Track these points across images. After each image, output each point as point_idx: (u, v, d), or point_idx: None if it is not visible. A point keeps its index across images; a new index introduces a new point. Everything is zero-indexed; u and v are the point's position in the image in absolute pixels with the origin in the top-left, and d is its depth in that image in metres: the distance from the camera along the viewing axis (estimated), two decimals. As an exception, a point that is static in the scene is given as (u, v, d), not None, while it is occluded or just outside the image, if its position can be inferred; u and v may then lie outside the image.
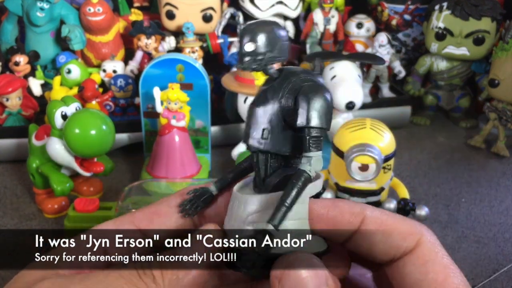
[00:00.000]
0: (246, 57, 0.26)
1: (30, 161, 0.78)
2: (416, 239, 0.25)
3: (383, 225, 0.26)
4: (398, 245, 0.25)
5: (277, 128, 0.26)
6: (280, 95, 0.26)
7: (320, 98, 0.25)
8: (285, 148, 0.27)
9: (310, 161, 0.25)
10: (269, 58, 0.26)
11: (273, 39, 0.26)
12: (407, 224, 0.26)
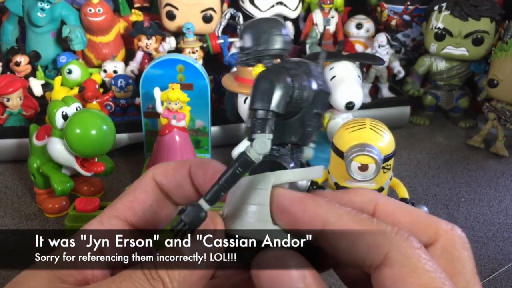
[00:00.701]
0: (239, 54, 0.27)
1: (31, 161, 0.78)
2: (383, 253, 0.21)
3: (348, 232, 0.22)
4: (362, 258, 0.22)
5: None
6: None
7: (265, 79, 0.25)
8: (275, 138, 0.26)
9: (252, 143, 0.25)
10: (255, 52, 0.27)
11: (257, 33, 0.27)
12: (377, 233, 0.22)
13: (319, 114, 0.27)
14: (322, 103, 0.27)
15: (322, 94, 0.27)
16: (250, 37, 0.27)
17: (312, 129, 0.27)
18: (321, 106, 0.27)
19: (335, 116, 0.88)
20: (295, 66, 0.27)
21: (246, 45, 0.27)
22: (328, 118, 0.89)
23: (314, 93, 0.26)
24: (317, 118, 0.27)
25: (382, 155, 0.68)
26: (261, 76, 0.26)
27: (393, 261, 0.21)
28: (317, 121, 0.27)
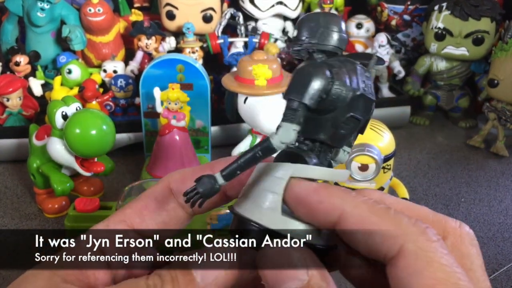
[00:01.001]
0: (292, 43, 0.27)
1: (31, 161, 0.78)
2: (399, 245, 0.21)
3: (363, 223, 0.22)
4: (377, 249, 0.22)
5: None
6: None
7: (304, 71, 0.25)
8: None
9: (277, 130, 0.25)
10: (308, 44, 0.26)
11: (315, 26, 0.26)
12: (394, 224, 0.22)
13: (356, 118, 0.26)
14: (362, 108, 0.26)
15: (363, 99, 0.26)
16: (306, 29, 0.26)
17: (346, 132, 0.26)
18: (361, 111, 0.26)
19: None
20: (340, 64, 0.26)
21: (301, 36, 0.27)
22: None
23: (353, 95, 0.26)
24: (353, 122, 0.26)
25: (382, 155, 0.68)
26: (301, 68, 0.26)
27: (408, 253, 0.21)
28: (353, 125, 0.26)
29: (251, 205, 0.26)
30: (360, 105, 0.26)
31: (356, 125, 0.26)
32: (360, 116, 0.26)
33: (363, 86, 0.26)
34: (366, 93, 0.26)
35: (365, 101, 0.26)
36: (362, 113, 0.26)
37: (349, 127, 0.26)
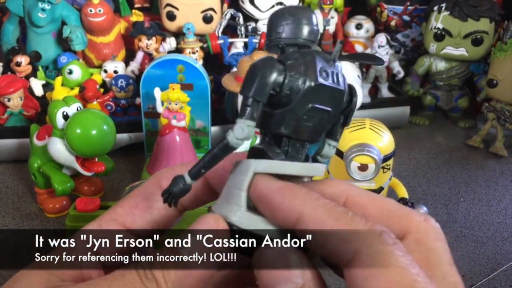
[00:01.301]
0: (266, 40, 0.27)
1: (32, 161, 0.78)
2: (354, 248, 0.21)
3: (321, 226, 0.22)
4: (334, 252, 0.22)
5: (329, 127, 0.27)
6: (343, 94, 0.27)
7: (254, 67, 0.25)
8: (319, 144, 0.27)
9: (233, 127, 0.25)
10: (277, 40, 0.26)
11: (283, 21, 0.26)
12: (349, 227, 0.22)
13: (319, 109, 0.25)
14: (325, 98, 0.25)
15: (324, 89, 0.25)
16: (274, 24, 0.26)
17: (312, 124, 0.26)
18: (324, 101, 0.25)
19: (335, 116, 0.88)
20: (299, 56, 0.26)
21: (271, 32, 0.26)
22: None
23: (310, 86, 0.25)
24: (318, 113, 0.25)
25: (381, 155, 0.69)
26: (252, 64, 0.26)
27: (364, 256, 0.21)
28: (320, 117, 0.26)
29: (222, 201, 0.26)
30: (322, 96, 0.25)
31: (325, 117, 0.26)
32: (324, 107, 0.25)
33: (324, 76, 0.25)
34: (327, 82, 0.25)
35: (328, 91, 0.25)
36: (327, 104, 0.25)
37: (314, 119, 0.25)
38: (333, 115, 0.26)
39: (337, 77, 0.26)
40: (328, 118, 0.26)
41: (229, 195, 0.26)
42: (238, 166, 0.26)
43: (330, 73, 0.26)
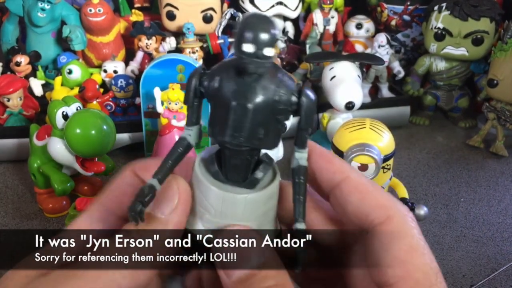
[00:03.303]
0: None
1: (31, 161, 0.78)
2: (387, 213, 0.25)
3: (361, 189, 0.26)
4: (368, 213, 0.25)
5: (271, 126, 0.27)
6: (273, 91, 0.26)
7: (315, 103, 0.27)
8: (272, 145, 0.27)
9: (306, 154, 0.27)
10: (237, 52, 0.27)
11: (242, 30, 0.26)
12: (383, 197, 0.25)
13: (240, 105, 0.26)
14: (236, 95, 0.26)
15: (235, 83, 0.26)
16: (236, 35, 0.26)
17: (237, 121, 0.26)
18: (236, 98, 0.26)
19: (335, 116, 0.88)
20: (228, 61, 0.27)
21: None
22: (328, 118, 0.89)
23: (230, 84, 0.26)
24: (239, 109, 0.26)
25: (382, 155, 0.69)
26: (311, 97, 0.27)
27: (395, 222, 0.24)
28: (240, 113, 0.26)
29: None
30: (236, 93, 0.26)
31: (248, 113, 0.26)
32: (246, 103, 0.26)
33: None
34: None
35: (241, 85, 0.26)
36: (248, 101, 0.26)
37: (235, 116, 0.26)
38: (252, 111, 0.26)
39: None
40: (249, 113, 0.26)
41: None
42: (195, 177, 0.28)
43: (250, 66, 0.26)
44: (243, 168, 0.27)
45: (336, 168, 0.27)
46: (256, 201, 0.27)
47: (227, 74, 0.26)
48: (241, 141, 0.26)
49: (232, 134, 0.27)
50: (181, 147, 0.29)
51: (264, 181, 0.28)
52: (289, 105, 0.26)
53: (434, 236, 0.75)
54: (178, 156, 0.28)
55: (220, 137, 0.27)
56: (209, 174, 0.28)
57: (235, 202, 0.26)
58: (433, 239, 0.74)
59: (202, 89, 0.28)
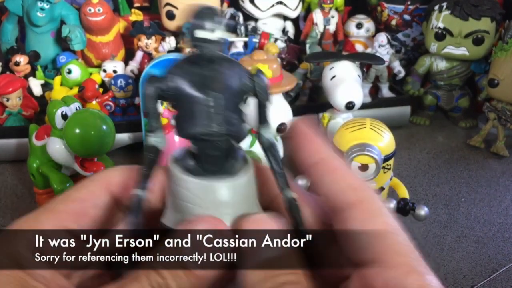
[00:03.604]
0: None
1: (31, 161, 0.78)
2: (358, 196, 0.25)
3: (335, 171, 0.26)
4: (339, 194, 0.26)
5: (236, 112, 0.28)
6: (230, 76, 0.28)
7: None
8: (240, 130, 0.29)
9: (271, 129, 0.29)
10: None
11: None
12: (355, 180, 0.26)
13: (204, 94, 0.27)
14: (203, 84, 0.27)
15: (201, 75, 0.27)
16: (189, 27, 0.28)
17: (205, 111, 0.27)
18: (201, 88, 0.27)
19: (335, 116, 0.88)
20: (187, 57, 0.28)
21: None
22: (328, 118, 0.89)
23: (188, 78, 0.27)
24: (203, 99, 0.27)
25: (382, 155, 0.68)
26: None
27: (367, 204, 0.25)
28: (206, 102, 0.27)
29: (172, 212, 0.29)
30: (207, 82, 0.27)
31: (210, 103, 0.27)
32: (200, 94, 0.27)
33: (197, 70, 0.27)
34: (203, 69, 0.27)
35: (207, 79, 0.27)
36: (203, 90, 0.27)
37: (202, 106, 0.27)
38: (216, 101, 0.27)
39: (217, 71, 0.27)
40: (211, 103, 0.27)
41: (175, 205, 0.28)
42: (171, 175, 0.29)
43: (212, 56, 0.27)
44: (219, 157, 0.28)
45: (315, 148, 0.27)
46: (241, 186, 0.28)
47: (182, 70, 0.27)
48: (212, 129, 0.27)
49: (203, 124, 0.27)
50: (151, 153, 0.29)
51: (240, 166, 0.29)
52: (248, 88, 0.28)
53: (434, 237, 0.75)
54: (151, 162, 0.28)
55: (192, 130, 0.28)
56: (187, 171, 0.28)
57: (223, 190, 0.27)
58: (434, 240, 0.74)
59: (160, 92, 0.28)
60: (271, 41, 1.07)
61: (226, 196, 0.27)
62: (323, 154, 0.27)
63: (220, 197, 0.27)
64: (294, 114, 0.81)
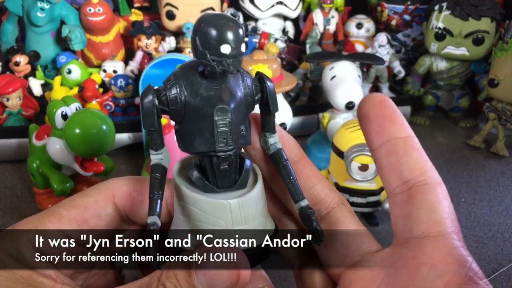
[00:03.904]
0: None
1: (31, 161, 0.78)
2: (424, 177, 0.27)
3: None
4: (407, 174, 0.27)
5: (246, 121, 0.27)
6: (242, 87, 0.26)
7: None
8: (250, 139, 0.27)
9: (277, 137, 0.28)
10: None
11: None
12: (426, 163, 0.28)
13: (221, 110, 0.26)
14: (208, 101, 0.26)
15: (201, 88, 0.26)
16: (203, 38, 0.26)
17: (222, 127, 0.26)
18: (209, 103, 0.26)
19: (335, 116, 0.88)
20: (184, 70, 0.27)
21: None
22: (328, 118, 0.89)
23: (199, 92, 0.26)
24: (221, 114, 0.26)
25: (382, 155, 0.68)
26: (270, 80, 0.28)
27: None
28: (223, 118, 0.26)
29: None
30: (206, 100, 0.26)
31: (209, 120, 0.26)
32: (209, 107, 0.26)
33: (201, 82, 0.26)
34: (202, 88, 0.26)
35: (207, 88, 0.26)
36: (210, 105, 0.26)
37: (220, 122, 0.26)
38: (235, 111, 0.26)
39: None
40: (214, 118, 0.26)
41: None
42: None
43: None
44: (233, 171, 0.27)
45: (397, 128, 0.27)
46: (252, 199, 0.27)
47: (190, 82, 0.26)
48: (229, 145, 0.26)
49: (222, 141, 0.26)
50: (158, 173, 0.27)
51: (249, 178, 0.28)
52: (256, 95, 0.27)
53: (434, 237, 0.75)
54: (160, 184, 0.27)
55: (205, 148, 0.26)
56: (195, 186, 0.27)
57: (244, 205, 0.26)
58: (434, 240, 0.74)
59: (163, 106, 0.26)
60: (271, 41, 1.07)
61: (238, 212, 0.26)
62: (406, 133, 0.27)
63: (232, 214, 0.26)
64: (294, 114, 0.81)
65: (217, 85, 0.26)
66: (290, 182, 0.27)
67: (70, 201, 0.29)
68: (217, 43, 0.24)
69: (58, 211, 0.28)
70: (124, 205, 0.29)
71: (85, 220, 0.28)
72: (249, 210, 0.27)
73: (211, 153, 0.26)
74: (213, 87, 0.26)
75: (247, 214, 0.26)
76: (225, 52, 0.24)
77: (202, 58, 0.25)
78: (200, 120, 0.26)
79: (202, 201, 0.26)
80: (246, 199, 0.27)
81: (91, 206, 0.28)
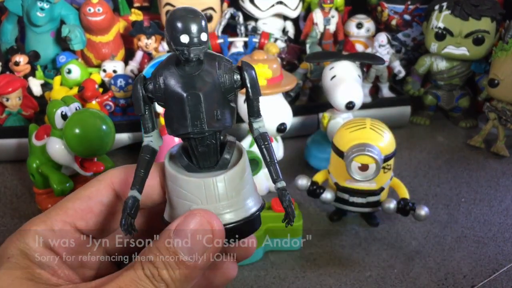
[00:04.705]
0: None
1: (30, 161, 0.78)
2: None
3: None
4: None
5: (224, 106, 0.29)
6: (216, 74, 0.29)
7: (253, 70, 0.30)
8: (229, 123, 0.30)
9: (263, 121, 0.30)
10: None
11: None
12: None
13: (191, 95, 0.28)
14: (185, 86, 0.28)
15: (181, 78, 0.28)
16: (168, 30, 0.29)
17: (193, 111, 0.28)
18: (186, 89, 0.28)
19: (335, 116, 0.88)
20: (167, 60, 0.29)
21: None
22: (328, 118, 0.89)
23: (174, 79, 0.28)
24: (192, 99, 0.28)
25: (382, 155, 0.68)
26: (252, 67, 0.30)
27: None
28: (194, 102, 0.28)
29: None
30: (183, 85, 0.28)
31: (196, 101, 0.28)
32: (185, 92, 0.28)
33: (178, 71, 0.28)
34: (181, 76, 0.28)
35: (185, 78, 0.28)
36: (188, 90, 0.28)
37: (190, 107, 0.28)
38: (196, 99, 0.28)
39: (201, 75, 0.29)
40: (199, 101, 0.28)
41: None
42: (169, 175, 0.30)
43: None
44: (212, 153, 0.30)
45: None
46: (233, 178, 0.29)
47: (169, 71, 0.28)
48: (203, 128, 0.28)
49: (193, 124, 0.28)
50: (147, 154, 0.30)
51: (234, 159, 0.30)
52: (234, 82, 0.29)
53: (435, 237, 0.75)
54: (147, 163, 0.30)
55: (182, 130, 0.29)
56: (183, 168, 0.30)
57: (216, 184, 0.28)
58: (434, 240, 0.74)
59: (150, 94, 0.29)
60: (271, 41, 1.07)
61: (218, 189, 0.28)
62: None
63: (213, 191, 0.28)
64: (294, 114, 0.81)
65: (192, 72, 0.28)
66: (271, 164, 0.29)
67: (74, 194, 0.31)
68: (178, 33, 0.27)
69: (64, 205, 0.30)
70: (123, 190, 0.31)
71: (90, 208, 0.30)
72: (224, 189, 0.29)
73: (189, 135, 0.29)
74: (188, 74, 0.28)
75: (223, 192, 0.29)
76: (184, 41, 0.27)
77: (171, 49, 0.28)
78: (176, 105, 0.28)
79: (180, 179, 0.29)
80: (225, 177, 0.29)
81: (93, 195, 0.31)
